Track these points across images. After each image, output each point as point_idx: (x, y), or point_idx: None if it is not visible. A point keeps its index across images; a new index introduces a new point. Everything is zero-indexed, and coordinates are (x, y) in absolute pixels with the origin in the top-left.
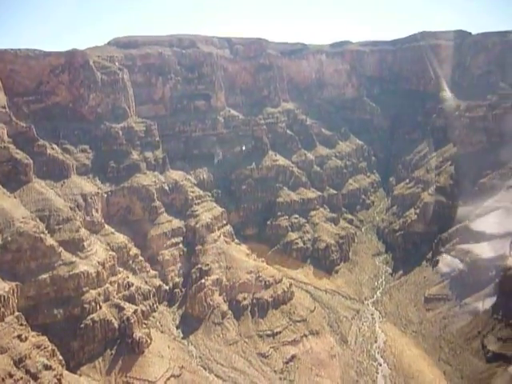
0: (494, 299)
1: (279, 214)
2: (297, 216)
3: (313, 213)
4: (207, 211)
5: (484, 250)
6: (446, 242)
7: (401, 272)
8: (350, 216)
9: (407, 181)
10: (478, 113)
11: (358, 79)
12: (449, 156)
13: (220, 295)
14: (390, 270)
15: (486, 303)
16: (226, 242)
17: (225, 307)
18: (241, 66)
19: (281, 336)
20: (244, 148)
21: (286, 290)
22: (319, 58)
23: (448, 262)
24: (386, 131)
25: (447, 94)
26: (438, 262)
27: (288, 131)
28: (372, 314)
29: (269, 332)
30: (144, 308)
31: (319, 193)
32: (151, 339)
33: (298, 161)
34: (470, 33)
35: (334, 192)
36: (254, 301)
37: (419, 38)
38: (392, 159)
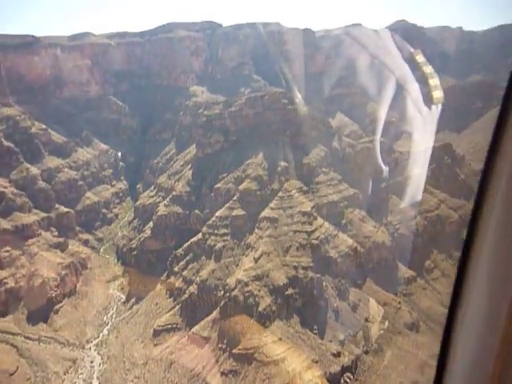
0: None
1: None
2: (8, 249)
3: (31, 241)
4: None
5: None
6: (181, 260)
7: (133, 300)
8: (86, 236)
9: (152, 188)
10: (214, 110)
11: (103, 75)
12: (189, 159)
13: None
14: (124, 298)
15: (211, 331)
16: None
17: None
18: None
19: None
20: None
21: None
22: (53, 52)
23: None
24: (137, 132)
25: (198, 88)
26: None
27: (6, 143)
28: (92, 362)
29: None
30: None
31: (44, 214)
32: None
33: (18, 178)
34: (221, 24)
35: (65, 210)
36: None
37: (167, 30)
38: (143, 163)
